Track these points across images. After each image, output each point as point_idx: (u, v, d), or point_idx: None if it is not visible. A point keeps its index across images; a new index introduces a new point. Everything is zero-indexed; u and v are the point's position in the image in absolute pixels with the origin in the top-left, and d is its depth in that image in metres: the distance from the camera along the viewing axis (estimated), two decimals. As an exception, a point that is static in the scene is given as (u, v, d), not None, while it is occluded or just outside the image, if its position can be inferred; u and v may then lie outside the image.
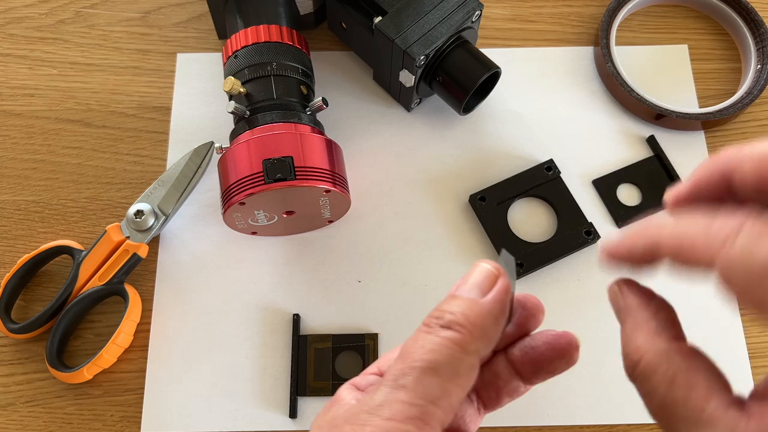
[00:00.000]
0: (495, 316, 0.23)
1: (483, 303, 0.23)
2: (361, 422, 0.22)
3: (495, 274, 0.24)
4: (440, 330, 0.23)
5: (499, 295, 0.24)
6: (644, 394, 0.21)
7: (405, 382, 0.22)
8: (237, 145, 0.40)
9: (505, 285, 0.24)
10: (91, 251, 0.44)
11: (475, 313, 0.23)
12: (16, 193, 0.48)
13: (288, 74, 0.44)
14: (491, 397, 0.27)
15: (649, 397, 0.21)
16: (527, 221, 0.47)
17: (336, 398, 0.26)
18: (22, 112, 0.50)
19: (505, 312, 0.24)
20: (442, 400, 0.22)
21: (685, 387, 0.20)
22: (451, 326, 0.23)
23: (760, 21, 0.50)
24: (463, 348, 0.22)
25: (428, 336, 0.23)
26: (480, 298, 0.24)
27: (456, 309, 0.23)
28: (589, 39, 0.53)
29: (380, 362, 0.29)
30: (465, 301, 0.23)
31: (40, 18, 0.53)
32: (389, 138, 0.49)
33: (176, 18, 0.53)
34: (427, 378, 0.22)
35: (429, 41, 0.43)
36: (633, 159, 0.48)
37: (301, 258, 0.46)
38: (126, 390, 0.43)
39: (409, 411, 0.21)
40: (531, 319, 0.26)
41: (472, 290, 0.24)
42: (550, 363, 0.25)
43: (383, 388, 0.22)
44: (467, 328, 0.23)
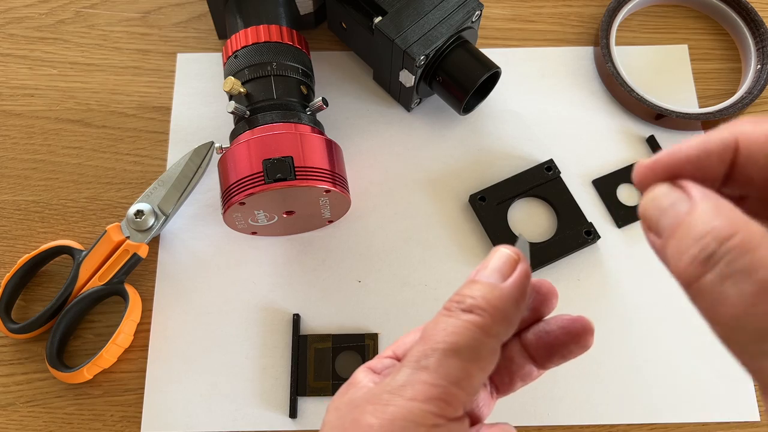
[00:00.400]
0: (516, 300, 0.23)
1: (504, 287, 0.23)
2: (383, 402, 0.22)
3: (515, 258, 0.24)
4: (461, 314, 0.23)
5: (519, 280, 0.24)
6: (736, 273, 0.16)
7: (427, 363, 0.22)
8: (237, 145, 0.40)
9: (525, 269, 0.24)
10: (91, 251, 0.44)
11: (495, 297, 0.23)
12: (16, 193, 0.48)
13: (288, 74, 0.44)
14: (504, 381, 0.27)
15: (746, 275, 0.16)
16: (527, 221, 0.47)
17: (353, 381, 0.26)
18: (22, 112, 0.50)
19: (525, 296, 0.24)
20: (464, 381, 0.22)
21: None
22: (472, 310, 0.23)
23: (760, 21, 0.50)
24: (484, 331, 0.22)
25: (449, 319, 0.23)
26: (500, 282, 0.24)
27: (477, 293, 0.23)
28: (589, 39, 0.53)
29: (395, 346, 0.29)
30: (486, 286, 0.23)
31: (40, 18, 0.53)
32: (389, 138, 0.49)
33: (176, 18, 0.53)
34: (449, 360, 0.22)
35: (429, 41, 0.43)
36: (633, 159, 0.48)
37: (301, 258, 0.46)
38: (126, 390, 0.43)
39: (431, 391, 0.21)
40: (545, 304, 0.26)
41: (492, 275, 0.24)
42: (564, 347, 0.25)
43: (405, 369, 0.22)
44: (488, 312, 0.23)
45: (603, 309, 0.45)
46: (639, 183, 0.21)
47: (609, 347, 0.43)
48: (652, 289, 0.45)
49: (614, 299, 0.45)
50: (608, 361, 0.43)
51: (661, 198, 0.19)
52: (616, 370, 0.43)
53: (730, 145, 0.20)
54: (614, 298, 0.45)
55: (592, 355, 0.43)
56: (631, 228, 0.47)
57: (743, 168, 0.20)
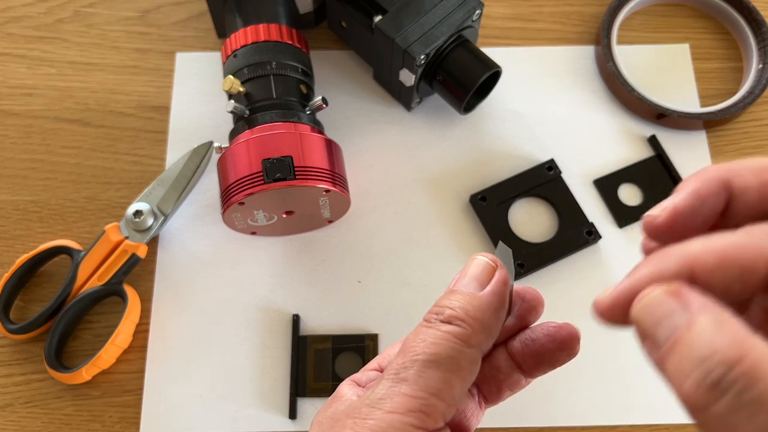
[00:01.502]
0: (495, 308, 0.23)
1: (482, 296, 0.23)
2: (363, 416, 0.22)
3: (492, 266, 0.24)
4: (441, 325, 0.23)
5: (497, 287, 0.23)
6: (748, 404, 0.15)
7: (406, 375, 0.22)
8: (236, 144, 0.40)
9: (503, 277, 0.24)
10: (90, 251, 0.44)
11: (474, 306, 0.23)
12: (15, 193, 0.48)
13: (288, 73, 0.43)
14: (492, 390, 0.26)
15: (759, 406, 0.15)
16: (528, 221, 0.47)
17: (337, 394, 0.26)
18: (20, 111, 0.50)
19: (504, 304, 0.24)
20: (444, 392, 0.22)
21: None
22: (451, 321, 0.23)
23: (762, 20, 0.50)
24: (464, 341, 0.22)
25: (429, 330, 0.23)
26: (478, 291, 0.23)
27: (456, 304, 0.23)
28: (590, 38, 0.53)
29: (380, 358, 0.29)
30: (464, 296, 0.23)
31: (39, 17, 0.53)
32: (389, 138, 0.49)
33: (175, 17, 0.53)
34: (428, 371, 0.22)
35: (429, 40, 0.43)
36: (634, 159, 0.48)
37: (301, 258, 0.46)
38: (125, 391, 0.43)
39: (411, 403, 0.21)
40: (531, 312, 0.26)
41: (470, 284, 0.24)
42: (551, 355, 0.25)
43: (384, 382, 0.22)
44: (467, 322, 0.23)
45: (604, 309, 0.44)
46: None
47: (609, 348, 0.43)
48: (653, 290, 0.44)
49: (615, 300, 0.44)
50: (609, 361, 0.43)
51: (657, 306, 0.18)
52: (617, 370, 0.43)
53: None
54: (615, 299, 0.44)
55: (593, 355, 0.43)
56: (632, 228, 0.46)
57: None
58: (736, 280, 0.18)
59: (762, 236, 0.18)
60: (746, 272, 0.18)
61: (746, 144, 0.49)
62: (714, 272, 0.18)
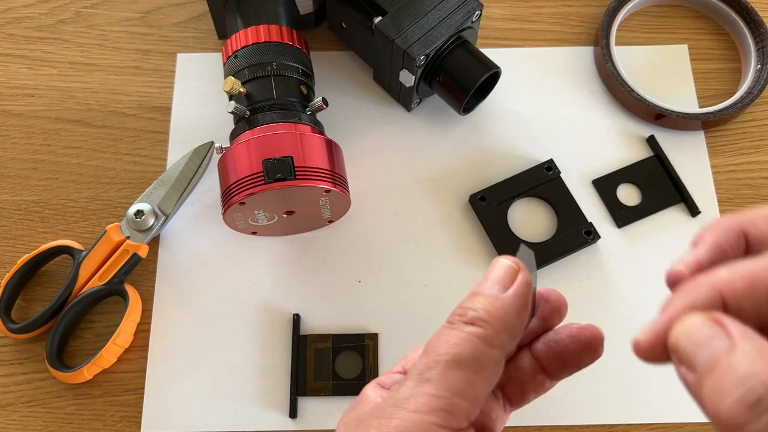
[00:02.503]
0: (517, 310, 0.23)
1: (504, 298, 0.23)
2: (387, 416, 0.22)
3: (515, 269, 0.24)
4: (464, 326, 0.23)
5: (520, 289, 0.24)
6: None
7: (430, 375, 0.22)
8: (237, 145, 0.40)
9: (526, 279, 0.24)
10: (91, 251, 0.44)
11: (497, 308, 0.23)
12: (16, 193, 0.48)
13: (288, 74, 0.44)
14: (516, 393, 0.27)
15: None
16: (527, 221, 0.47)
17: (362, 397, 0.26)
18: (21, 111, 0.50)
19: (527, 306, 0.24)
20: (468, 392, 0.22)
21: None
22: (474, 322, 0.23)
23: (760, 21, 0.50)
24: (487, 342, 0.22)
25: (452, 332, 0.23)
26: (501, 293, 0.24)
27: (478, 305, 0.23)
28: (589, 39, 0.53)
29: (404, 361, 0.29)
30: (487, 298, 0.24)
31: (40, 18, 0.53)
32: (389, 138, 0.49)
33: (176, 18, 0.53)
34: (451, 371, 0.22)
35: (429, 41, 0.43)
36: (633, 159, 0.48)
37: (301, 258, 0.46)
38: (126, 390, 0.43)
39: (434, 403, 0.22)
40: (555, 313, 0.26)
41: (493, 286, 0.24)
42: (575, 356, 0.25)
43: (409, 382, 0.23)
44: (490, 323, 0.23)
45: (603, 309, 0.45)
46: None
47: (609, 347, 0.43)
48: (652, 289, 0.45)
49: (614, 299, 0.45)
50: (608, 360, 0.43)
51: (696, 332, 0.19)
52: (617, 370, 0.43)
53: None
54: (614, 298, 0.45)
55: (592, 355, 0.43)
56: (631, 228, 0.47)
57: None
58: (765, 302, 0.18)
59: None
60: None
61: (744, 144, 0.49)
62: (744, 296, 0.19)
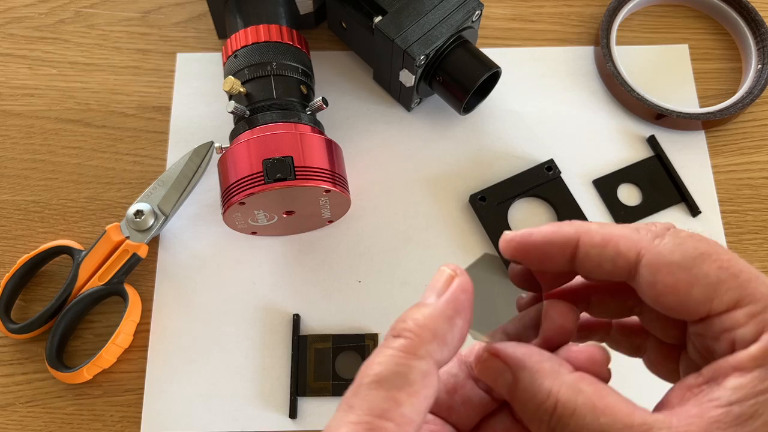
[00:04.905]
0: (447, 316, 0.22)
1: (432, 304, 0.22)
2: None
3: (451, 275, 0.23)
4: (392, 341, 0.22)
5: (452, 295, 0.22)
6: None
7: (353, 401, 0.21)
8: (237, 144, 0.40)
9: (461, 284, 0.23)
10: (91, 251, 0.44)
11: (424, 315, 0.22)
12: (16, 193, 0.48)
13: (288, 74, 0.44)
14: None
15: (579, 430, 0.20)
16: (527, 221, 0.47)
17: None
18: (21, 111, 0.50)
19: (460, 312, 0.22)
20: (392, 412, 0.20)
21: (607, 409, 0.20)
22: (401, 334, 0.22)
23: (761, 21, 0.50)
24: (411, 353, 0.21)
25: (381, 350, 0.22)
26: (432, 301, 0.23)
27: (408, 316, 0.22)
28: (590, 39, 0.53)
29: None
30: (417, 306, 0.23)
31: (40, 18, 0.53)
32: (389, 138, 0.49)
33: (176, 18, 0.53)
34: (372, 393, 0.21)
35: (429, 41, 0.43)
36: (633, 159, 0.48)
37: (301, 258, 0.46)
38: (126, 390, 0.43)
39: (356, 430, 0.20)
40: (559, 333, 0.25)
41: (430, 296, 0.23)
42: None
43: (337, 413, 0.21)
44: (415, 332, 0.22)
45: (603, 309, 0.44)
46: (502, 252, 0.25)
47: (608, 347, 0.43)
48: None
49: (615, 299, 0.45)
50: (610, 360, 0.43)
51: (489, 370, 0.23)
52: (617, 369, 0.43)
53: (571, 241, 0.23)
54: (615, 298, 0.45)
55: (592, 355, 0.43)
56: (631, 228, 0.46)
57: (581, 261, 0.23)
58: (608, 260, 0.22)
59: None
60: (619, 256, 0.22)
61: (745, 144, 0.49)
62: (594, 246, 0.23)
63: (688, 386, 0.21)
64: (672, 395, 0.22)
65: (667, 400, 0.22)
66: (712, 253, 0.22)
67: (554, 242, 0.23)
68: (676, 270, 0.21)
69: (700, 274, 0.21)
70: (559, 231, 0.23)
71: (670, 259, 0.22)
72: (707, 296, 0.21)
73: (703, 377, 0.21)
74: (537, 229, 0.24)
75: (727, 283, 0.21)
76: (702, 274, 0.21)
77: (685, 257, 0.22)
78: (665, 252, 0.22)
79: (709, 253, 0.22)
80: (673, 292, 0.22)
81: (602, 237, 0.23)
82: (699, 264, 0.21)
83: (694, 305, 0.21)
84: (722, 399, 0.20)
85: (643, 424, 0.20)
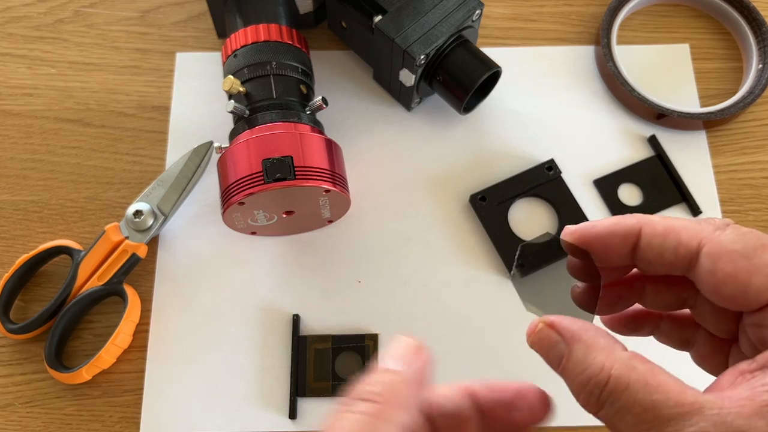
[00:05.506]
0: (415, 384, 0.22)
1: (401, 372, 0.22)
2: None
3: (416, 346, 0.23)
4: (357, 404, 0.22)
5: (421, 365, 0.23)
6: (620, 410, 0.21)
7: None
8: (236, 144, 0.40)
9: (428, 358, 0.23)
10: (90, 251, 0.44)
11: (392, 381, 0.22)
12: (15, 193, 0.48)
13: (288, 73, 0.43)
14: None
15: (626, 410, 0.21)
16: (528, 221, 0.47)
17: None
18: (20, 111, 0.50)
19: (422, 382, 0.23)
20: None
21: (660, 387, 0.21)
22: (368, 398, 0.22)
23: (762, 20, 0.50)
24: (380, 419, 0.21)
25: (345, 414, 0.22)
26: (400, 368, 0.23)
27: (372, 380, 0.22)
28: (590, 38, 0.53)
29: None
30: (381, 372, 0.23)
31: (39, 17, 0.53)
32: (389, 138, 0.49)
33: (175, 17, 0.53)
34: None
35: (429, 40, 0.43)
36: (634, 159, 0.48)
37: (301, 258, 0.46)
38: (125, 390, 0.43)
39: None
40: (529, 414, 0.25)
41: (391, 363, 0.23)
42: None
43: None
44: (385, 397, 0.22)
45: (604, 309, 0.44)
46: (564, 244, 0.26)
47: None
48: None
49: (615, 299, 0.44)
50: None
51: (543, 340, 0.24)
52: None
53: (633, 231, 0.24)
54: (615, 299, 0.45)
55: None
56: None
57: (643, 251, 0.24)
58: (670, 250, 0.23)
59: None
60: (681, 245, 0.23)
61: (746, 144, 0.49)
62: (656, 236, 0.23)
63: (740, 371, 0.22)
64: (723, 379, 0.22)
65: (718, 384, 0.22)
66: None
67: (617, 232, 0.24)
68: (737, 258, 0.22)
69: (761, 263, 0.22)
70: (621, 221, 0.24)
71: (731, 248, 0.22)
72: (767, 285, 0.22)
73: (757, 363, 0.21)
74: (599, 221, 0.25)
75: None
76: (763, 263, 0.22)
77: (746, 247, 0.22)
78: (726, 242, 0.22)
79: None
80: (733, 280, 0.22)
81: (664, 227, 0.23)
82: (760, 254, 0.22)
83: (754, 294, 0.22)
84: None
85: (695, 402, 0.20)
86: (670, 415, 0.20)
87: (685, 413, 0.20)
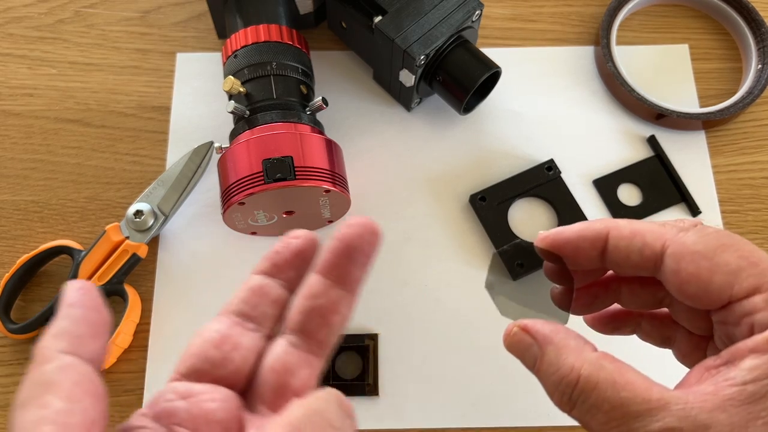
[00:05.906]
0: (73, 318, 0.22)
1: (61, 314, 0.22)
2: None
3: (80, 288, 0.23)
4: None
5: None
6: (590, 408, 0.22)
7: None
8: (237, 144, 0.40)
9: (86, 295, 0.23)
10: (91, 251, 0.44)
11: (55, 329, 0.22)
12: (16, 193, 0.48)
13: (288, 74, 0.44)
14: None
15: (596, 408, 0.22)
16: (528, 221, 0.47)
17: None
18: (21, 111, 0.50)
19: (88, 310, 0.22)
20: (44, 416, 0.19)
21: (627, 384, 0.21)
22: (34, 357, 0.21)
23: (761, 21, 0.50)
24: (40, 363, 0.21)
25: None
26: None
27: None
28: (590, 38, 0.53)
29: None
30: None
31: (40, 17, 0.53)
32: (389, 138, 0.49)
33: (176, 17, 0.53)
34: (17, 415, 0.20)
35: (429, 41, 0.43)
36: (634, 159, 0.48)
37: (301, 258, 0.46)
38: (125, 390, 0.43)
39: None
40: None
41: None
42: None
43: None
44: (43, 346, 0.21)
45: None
46: (538, 249, 0.27)
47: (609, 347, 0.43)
48: (652, 290, 0.45)
49: (615, 299, 0.45)
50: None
51: (518, 343, 0.25)
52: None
53: (601, 235, 0.25)
54: (615, 299, 0.45)
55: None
56: (631, 228, 0.47)
57: (611, 254, 0.25)
58: (636, 252, 0.24)
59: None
60: (646, 247, 0.24)
61: (745, 144, 0.49)
62: (623, 239, 0.25)
63: (706, 367, 0.22)
64: (691, 375, 0.23)
65: (686, 380, 0.23)
66: (734, 244, 0.23)
67: (586, 237, 0.25)
68: (699, 258, 0.23)
69: (721, 262, 0.22)
70: (590, 226, 0.26)
71: (693, 249, 0.23)
72: (728, 283, 0.22)
73: (721, 359, 0.22)
74: (569, 226, 0.26)
75: (746, 271, 0.22)
76: (723, 262, 0.22)
77: (707, 247, 0.23)
78: (689, 243, 0.23)
79: (730, 244, 0.23)
80: (696, 279, 0.23)
81: (630, 230, 0.25)
82: (720, 253, 0.23)
83: (716, 292, 0.23)
84: (737, 378, 0.21)
85: (661, 399, 0.21)
86: (637, 411, 0.21)
87: (651, 409, 0.21)
